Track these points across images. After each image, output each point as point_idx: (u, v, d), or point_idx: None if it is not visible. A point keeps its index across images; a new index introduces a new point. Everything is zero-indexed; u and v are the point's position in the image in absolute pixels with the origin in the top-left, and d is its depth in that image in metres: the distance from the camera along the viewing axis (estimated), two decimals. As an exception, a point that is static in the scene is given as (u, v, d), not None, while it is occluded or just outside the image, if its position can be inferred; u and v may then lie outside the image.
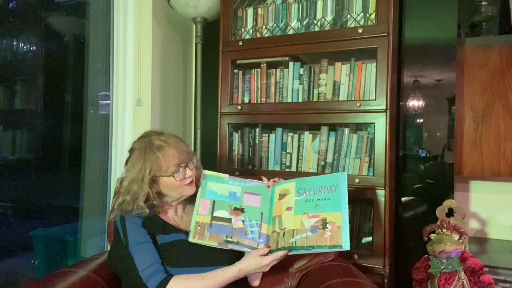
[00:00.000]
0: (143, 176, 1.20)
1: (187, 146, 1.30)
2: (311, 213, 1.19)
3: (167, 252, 1.19)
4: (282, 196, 1.28)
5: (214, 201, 1.27)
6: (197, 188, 1.30)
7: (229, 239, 1.19)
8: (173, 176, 1.21)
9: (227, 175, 1.36)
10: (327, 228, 1.14)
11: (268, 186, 1.33)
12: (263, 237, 1.21)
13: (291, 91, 1.89)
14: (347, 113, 1.72)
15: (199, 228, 1.21)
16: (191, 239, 1.19)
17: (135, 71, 2.13)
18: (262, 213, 1.26)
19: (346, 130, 1.78)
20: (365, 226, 1.79)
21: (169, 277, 1.12)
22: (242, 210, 1.26)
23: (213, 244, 1.19)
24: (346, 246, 1.11)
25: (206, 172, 1.35)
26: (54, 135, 2.19)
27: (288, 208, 1.23)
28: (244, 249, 1.20)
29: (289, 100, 1.88)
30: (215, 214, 1.24)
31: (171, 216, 1.31)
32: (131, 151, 1.27)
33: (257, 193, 1.31)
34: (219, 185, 1.32)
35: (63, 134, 2.22)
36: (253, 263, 1.17)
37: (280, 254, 1.16)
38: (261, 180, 1.37)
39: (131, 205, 1.21)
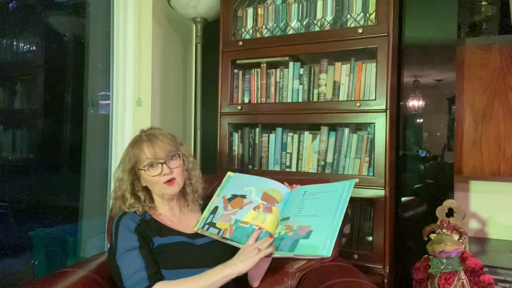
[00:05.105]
0: (125, 167, 1.27)
1: (174, 145, 1.29)
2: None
3: (163, 254, 1.19)
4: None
5: (225, 198, 1.32)
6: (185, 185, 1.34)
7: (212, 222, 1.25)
8: (145, 170, 1.24)
9: (249, 175, 1.39)
10: None
11: (292, 188, 1.33)
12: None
13: (291, 91, 1.89)
14: (347, 113, 1.72)
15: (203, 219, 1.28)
16: (196, 228, 1.27)
17: (135, 71, 2.13)
18: (264, 214, 1.26)
19: (346, 130, 1.78)
20: (365, 226, 1.79)
21: (151, 284, 1.10)
22: (245, 198, 1.29)
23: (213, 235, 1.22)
24: (322, 251, 1.04)
25: (231, 173, 1.41)
26: (54, 135, 2.19)
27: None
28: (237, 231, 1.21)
29: (289, 100, 1.88)
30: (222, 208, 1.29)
31: (167, 216, 1.30)
32: None
33: (274, 197, 1.30)
34: (237, 185, 1.35)
35: (63, 134, 2.22)
36: (241, 253, 1.13)
37: (266, 243, 1.13)
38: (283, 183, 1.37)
39: (120, 197, 1.27)
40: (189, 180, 1.35)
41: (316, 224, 1.11)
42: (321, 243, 1.06)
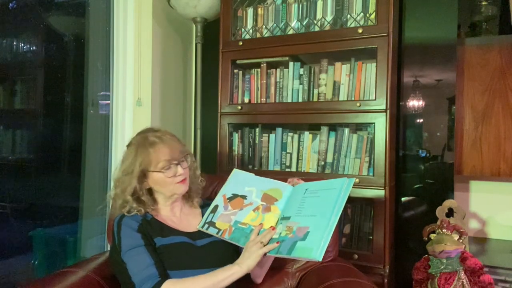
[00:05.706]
0: (132, 169, 1.23)
1: (182, 145, 1.30)
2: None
3: (165, 255, 1.18)
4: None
5: (225, 196, 1.33)
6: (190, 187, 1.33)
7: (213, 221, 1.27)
8: (162, 172, 1.22)
9: (252, 174, 1.39)
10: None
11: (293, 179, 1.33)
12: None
13: (291, 91, 1.89)
14: (347, 113, 1.72)
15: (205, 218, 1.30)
16: (198, 227, 1.28)
17: (135, 71, 2.13)
18: (263, 214, 1.26)
19: (346, 130, 1.78)
20: (365, 226, 1.79)
21: (162, 280, 1.10)
22: (246, 199, 1.29)
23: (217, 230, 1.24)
24: (315, 254, 1.01)
25: (236, 170, 1.41)
26: (54, 135, 2.19)
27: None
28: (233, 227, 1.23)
29: (289, 100, 1.88)
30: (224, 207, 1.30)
31: (168, 216, 1.30)
32: (128, 145, 1.30)
33: (273, 196, 1.30)
34: (238, 183, 1.35)
35: (63, 134, 2.22)
36: (246, 250, 1.14)
37: (269, 235, 1.14)
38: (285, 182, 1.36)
39: (121, 199, 1.24)
40: (194, 179, 1.36)
41: (314, 225, 1.10)
42: (315, 245, 1.04)
